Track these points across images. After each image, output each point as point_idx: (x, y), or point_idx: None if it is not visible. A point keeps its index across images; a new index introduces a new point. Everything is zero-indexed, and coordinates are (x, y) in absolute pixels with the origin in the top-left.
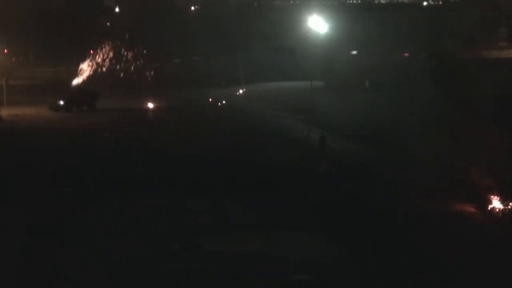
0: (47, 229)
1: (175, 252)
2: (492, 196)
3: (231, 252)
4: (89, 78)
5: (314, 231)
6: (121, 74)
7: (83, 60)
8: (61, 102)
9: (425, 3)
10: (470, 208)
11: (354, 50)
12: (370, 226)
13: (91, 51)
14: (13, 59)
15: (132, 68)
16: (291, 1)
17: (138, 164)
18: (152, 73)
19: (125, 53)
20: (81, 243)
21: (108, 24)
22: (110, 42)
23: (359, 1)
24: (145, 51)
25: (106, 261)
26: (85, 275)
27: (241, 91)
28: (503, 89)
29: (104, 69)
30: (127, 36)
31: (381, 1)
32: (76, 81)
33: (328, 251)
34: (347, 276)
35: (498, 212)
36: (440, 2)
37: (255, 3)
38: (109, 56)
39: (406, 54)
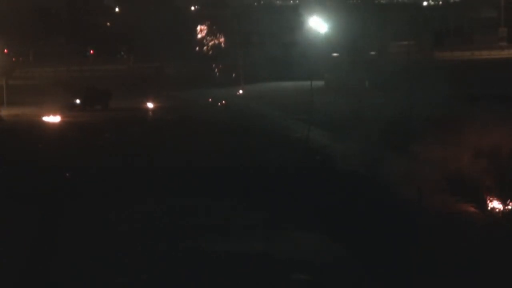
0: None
1: (174, 252)
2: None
3: (231, 252)
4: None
5: (314, 231)
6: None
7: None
8: (77, 101)
9: (425, 3)
10: (470, 208)
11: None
12: (369, 226)
13: (91, 51)
14: (13, 59)
15: (133, 68)
16: (291, 1)
17: (141, 162)
18: (152, 73)
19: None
20: (77, 242)
21: (108, 24)
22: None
23: (359, 1)
24: (145, 51)
25: (105, 261)
26: (82, 275)
27: (241, 91)
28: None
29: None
30: (127, 36)
31: (381, 1)
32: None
33: (328, 251)
34: (347, 276)
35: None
36: (440, 2)
37: (255, 3)
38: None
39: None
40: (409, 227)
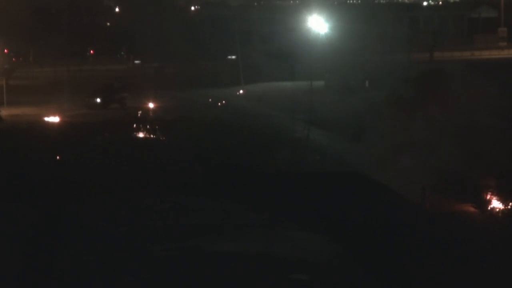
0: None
1: (174, 252)
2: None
3: (231, 252)
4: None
5: (315, 231)
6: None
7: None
8: (98, 100)
9: (425, 3)
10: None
11: (355, 50)
12: (369, 226)
13: (91, 51)
14: (13, 59)
15: (132, 68)
16: (291, 1)
17: (140, 161)
18: (152, 73)
19: (125, 53)
20: (76, 243)
21: (108, 24)
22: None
23: (359, 1)
24: (145, 51)
25: (104, 261)
26: (81, 274)
27: (241, 91)
28: None
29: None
30: (127, 36)
31: (381, 1)
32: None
33: (328, 250)
34: (347, 276)
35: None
36: (440, 3)
37: (255, 3)
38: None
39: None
40: (409, 226)
